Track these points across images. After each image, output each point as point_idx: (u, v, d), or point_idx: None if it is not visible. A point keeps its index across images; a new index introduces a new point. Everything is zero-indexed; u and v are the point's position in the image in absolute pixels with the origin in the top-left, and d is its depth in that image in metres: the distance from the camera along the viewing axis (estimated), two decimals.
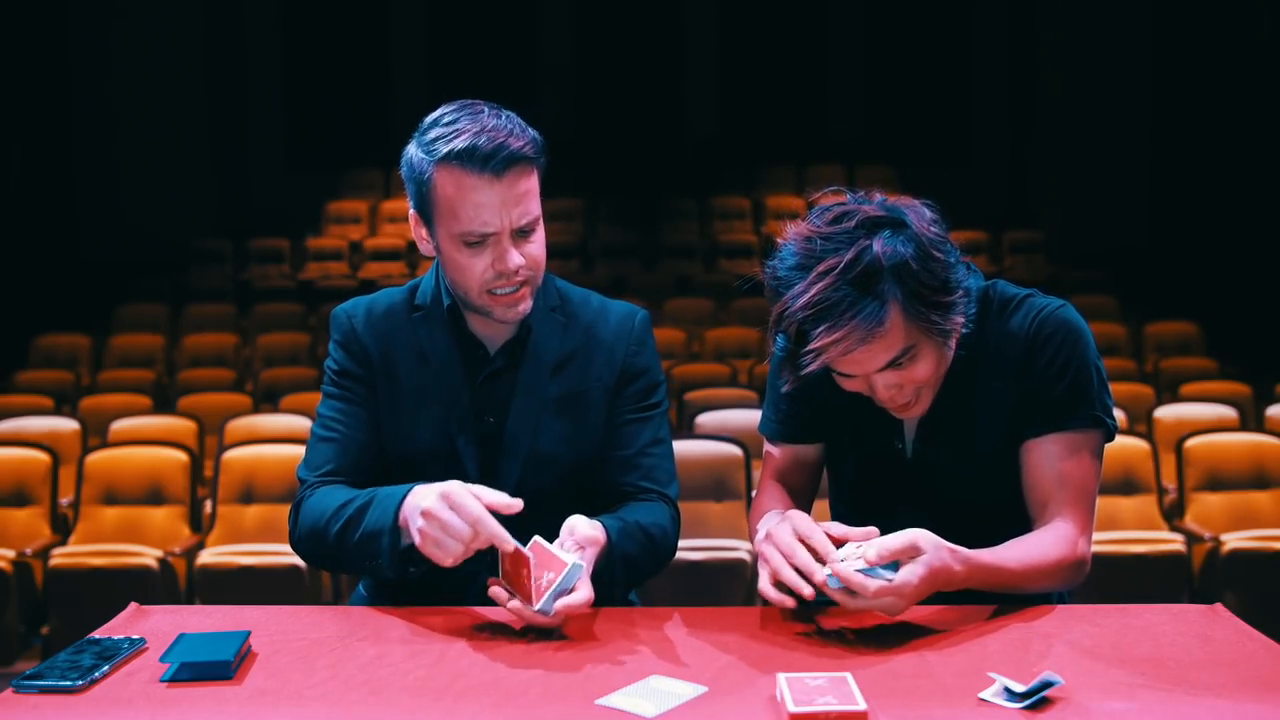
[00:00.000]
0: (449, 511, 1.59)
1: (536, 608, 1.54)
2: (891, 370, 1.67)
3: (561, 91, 12.12)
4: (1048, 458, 1.75)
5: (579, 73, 12.53)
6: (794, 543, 1.58)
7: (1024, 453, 1.78)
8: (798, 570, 1.56)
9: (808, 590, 1.54)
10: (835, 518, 1.89)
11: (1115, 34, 11.65)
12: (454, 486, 1.61)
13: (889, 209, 1.66)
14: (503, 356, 1.90)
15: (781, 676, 1.35)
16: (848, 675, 1.36)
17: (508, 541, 1.58)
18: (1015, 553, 1.67)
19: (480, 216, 1.75)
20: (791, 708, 1.28)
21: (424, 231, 1.84)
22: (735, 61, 12.67)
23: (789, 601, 1.57)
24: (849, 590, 1.52)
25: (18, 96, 10.41)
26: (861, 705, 1.28)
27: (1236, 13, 10.26)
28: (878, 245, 1.60)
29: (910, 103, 12.36)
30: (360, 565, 1.74)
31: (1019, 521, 1.78)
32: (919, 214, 1.66)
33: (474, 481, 1.84)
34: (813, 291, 1.59)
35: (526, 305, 1.83)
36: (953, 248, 1.68)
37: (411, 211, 1.84)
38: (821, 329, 1.59)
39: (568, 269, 9.87)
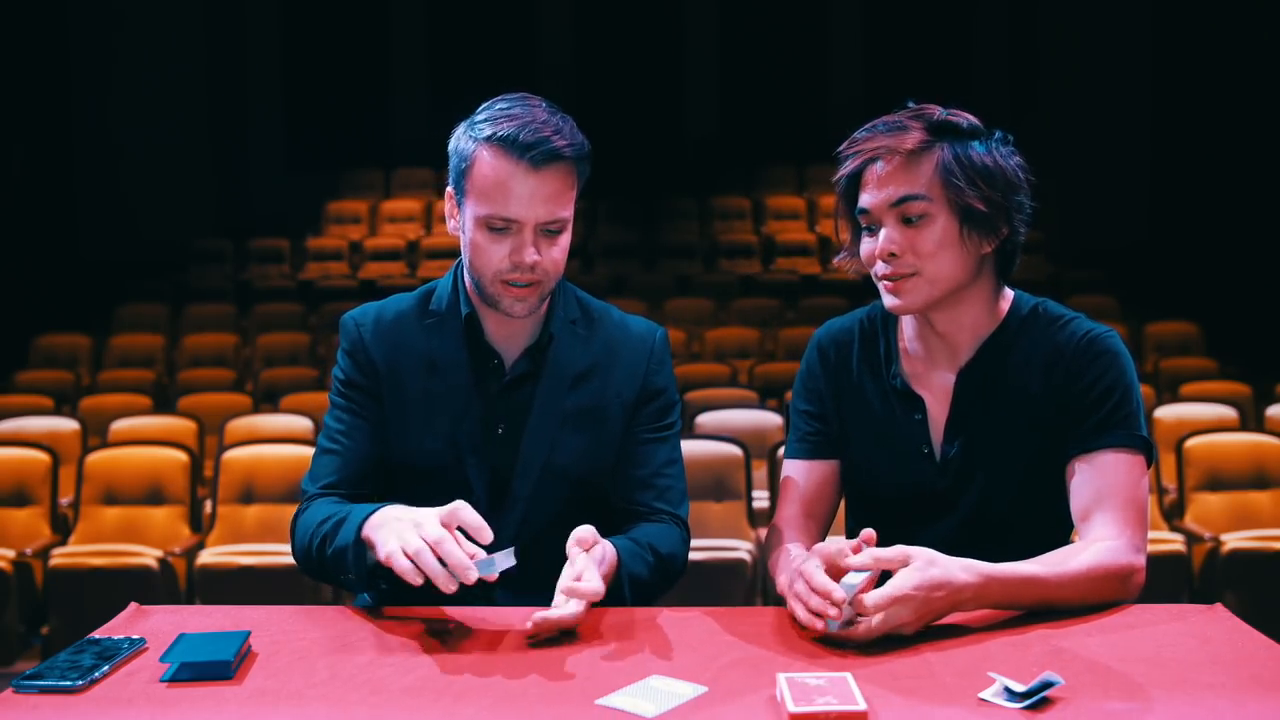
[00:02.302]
0: (418, 540, 1.52)
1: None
2: (900, 224, 1.75)
3: (561, 91, 12.08)
4: (1090, 469, 1.73)
5: (579, 73, 12.52)
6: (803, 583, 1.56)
7: (1068, 472, 1.76)
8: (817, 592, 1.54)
9: (832, 613, 1.51)
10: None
11: (1115, 34, 11.65)
12: (423, 516, 1.56)
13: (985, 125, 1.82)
14: (521, 366, 1.89)
15: (781, 676, 1.35)
16: (848, 675, 1.36)
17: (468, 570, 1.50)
18: (1044, 562, 1.62)
19: (508, 204, 1.76)
20: (791, 708, 1.28)
21: (455, 209, 1.85)
22: (735, 61, 12.67)
23: (819, 624, 1.53)
24: (851, 613, 1.51)
25: (18, 97, 10.41)
26: (861, 705, 1.28)
27: (1237, 12, 10.26)
28: (944, 111, 1.79)
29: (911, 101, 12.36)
30: (339, 580, 1.74)
31: (1057, 547, 1.71)
32: (1005, 138, 1.81)
33: (482, 496, 1.83)
34: (881, 119, 1.81)
35: (532, 305, 1.83)
36: (1021, 179, 1.78)
37: (448, 189, 1.86)
38: (867, 132, 1.80)
39: (568, 269, 9.82)
